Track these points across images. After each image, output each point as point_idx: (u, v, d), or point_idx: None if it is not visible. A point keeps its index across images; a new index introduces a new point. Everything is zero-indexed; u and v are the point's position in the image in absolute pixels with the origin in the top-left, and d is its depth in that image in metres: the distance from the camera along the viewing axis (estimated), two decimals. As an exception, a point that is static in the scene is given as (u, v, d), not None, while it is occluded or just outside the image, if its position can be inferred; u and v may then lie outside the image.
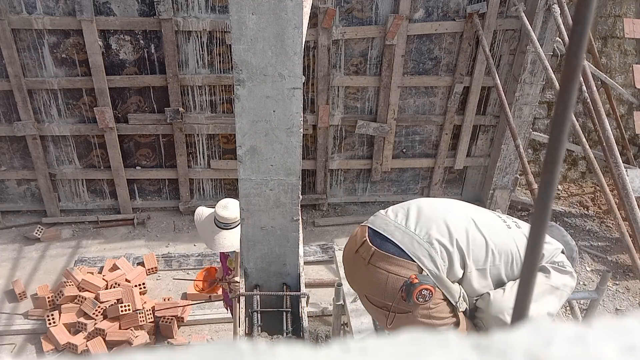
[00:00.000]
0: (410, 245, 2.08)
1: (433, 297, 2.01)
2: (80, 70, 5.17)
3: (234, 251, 3.29)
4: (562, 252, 2.31)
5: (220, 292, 3.88)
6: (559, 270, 2.20)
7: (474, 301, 2.17)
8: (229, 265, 3.47)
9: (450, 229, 2.11)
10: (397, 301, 2.03)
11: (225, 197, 5.88)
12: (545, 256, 2.21)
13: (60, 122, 5.40)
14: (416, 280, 1.98)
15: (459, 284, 2.12)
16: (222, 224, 3.23)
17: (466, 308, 2.11)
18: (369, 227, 2.24)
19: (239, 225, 3.16)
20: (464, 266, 2.08)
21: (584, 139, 4.15)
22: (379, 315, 2.18)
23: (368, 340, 0.35)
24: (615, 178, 3.86)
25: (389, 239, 2.12)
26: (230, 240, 3.22)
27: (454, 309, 2.11)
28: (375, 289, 2.10)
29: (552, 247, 2.26)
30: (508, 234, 2.18)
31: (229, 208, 3.24)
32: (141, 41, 5.10)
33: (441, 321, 2.08)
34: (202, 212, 3.38)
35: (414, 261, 2.05)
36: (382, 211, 2.33)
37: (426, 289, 1.99)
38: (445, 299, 2.08)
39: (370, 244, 2.14)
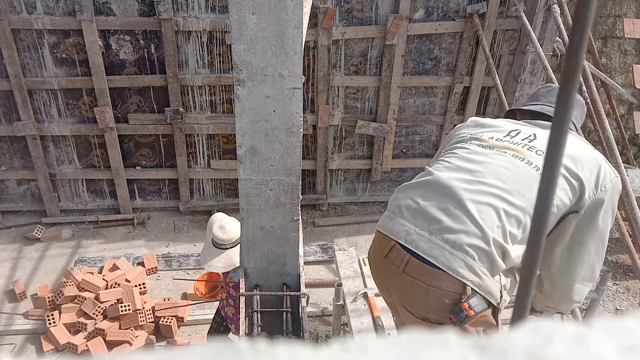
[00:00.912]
0: (443, 258, 1.80)
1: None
2: (80, 70, 5.17)
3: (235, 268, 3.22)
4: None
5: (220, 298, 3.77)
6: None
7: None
8: (228, 280, 3.39)
9: (481, 225, 1.81)
10: (443, 318, 1.83)
11: (225, 198, 5.86)
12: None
13: (60, 122, 5.40)
14: (471, 313, 1.76)
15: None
16: (218, 244, 3.13)
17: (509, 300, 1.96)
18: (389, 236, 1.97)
19: (237, 245, 3.09)
20: (504, 257, 1.84)
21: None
22: (419, 325, 1.92)
23: (368, 340, 0.35)
24: (615, 178, 3.86)
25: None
26: (224, 262, 3.12)
27: (495, 309, 1.91)
28: (415, 302, 1.88)
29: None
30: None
31: (227, 229, 3.13)
32: (141, 41, 5.10)
33: (485, 327, 1.89)
34: (212, 221, 3.24)
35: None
36: (396, 210, 2.01)
37: (481, 316, 1.80)
38: (489, 304, 1.87)
39: (404, 251, 1.89)
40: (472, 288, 1.79)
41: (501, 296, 1.89)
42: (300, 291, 2.47)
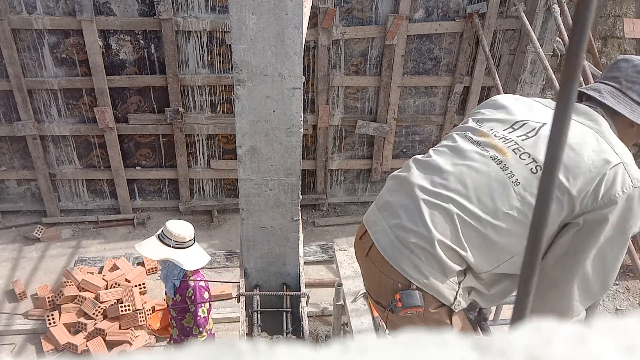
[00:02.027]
0: (391, 254, 1.86)
1: (426, 309, 1.83)
2: (80, 70, 5.17)
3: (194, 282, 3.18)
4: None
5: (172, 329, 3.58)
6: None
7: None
8: (166, 300, 3.34)
9: (429, 227, 1.80)
10: (389, 306, 1.89)
11: (225, 198, 5.88)
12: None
13: (60, 122, 5.40)
14: (399, 305, 1.80)
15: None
16: (164, 236, 3.10)
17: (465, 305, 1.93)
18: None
19: (179, 248, 3.09)
20: (458, 261, 1.83)
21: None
22: (377, 309, 2.05)
23: (368, 340, 0.35)
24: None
25: None
26: (156, 251, 3.09)
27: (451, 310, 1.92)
28: (371, 285, 1.99)
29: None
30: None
31: (177, 226, 3.13)
32: (141, 41, 5.10)
33: (437, 325, 1.91)
34: (142, 243, 3.23)
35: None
36: (379, 197, 2.05)
37: (411, 312, 1.82)
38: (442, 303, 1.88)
39: (370, 238, 1.96)
40: (414, 289, 1.83)
41: (455, 298, 1.87)
42: (300, 291, 2.47)
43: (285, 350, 0.33)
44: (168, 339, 3.56)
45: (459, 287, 1.87)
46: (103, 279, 4.85)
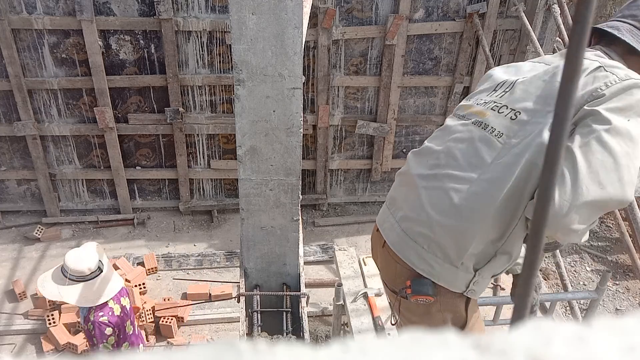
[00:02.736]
0: (399, 246, 1.87)
1: (440, 298, 1.83)
2: (80, 70, 5.17)
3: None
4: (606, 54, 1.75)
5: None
6: (619, 111, 1.55)
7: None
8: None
9: (427, 211, 1.79)
10: (401, 292, 1.91)
11: (225, 198, 5.87)
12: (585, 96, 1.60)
13: (60, 122, 5.40)
14: (409, 291, 1.82)
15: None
16: (76, 277, 2.97)
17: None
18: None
19: (100, 275, 2.98)
20: (464, 238, 1.76)
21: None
22: (391, 298, 2.07)
23: (368, 340, 0.35)
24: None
25: None
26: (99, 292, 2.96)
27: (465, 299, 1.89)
28: (388, 274, 2.01)
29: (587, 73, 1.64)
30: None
31: (80, 258, 3.00)
32: (141, 41, 5.10)
33: (453, 314, 1.90)
34: (44, 277, 3.08)
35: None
36: (388, 195, 2.08)
37: (421, 299, 1.82)
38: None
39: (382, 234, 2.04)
40: (425, 277, 1.85)
41: (468, 287, 1.82)
42: (300, 291, 2.47)
43: (285, 350, 0.33)
44: None
45: (475, 274, 1.81)
46: (103, 279, 4.84)
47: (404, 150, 5.89)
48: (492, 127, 1.79)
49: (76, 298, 2.94)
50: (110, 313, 3.09)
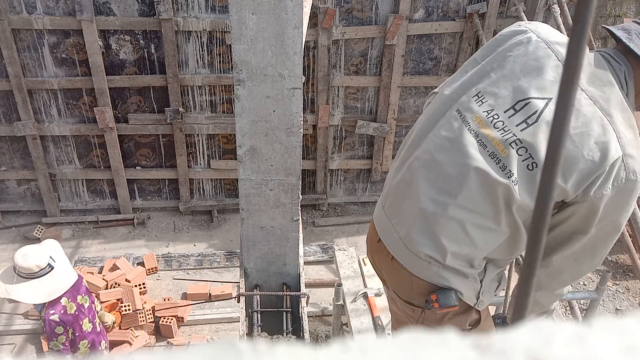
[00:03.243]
0: (413, 265, 1.83)
1: (459, 307, 1.83)
2: (80, 70, 5.17)
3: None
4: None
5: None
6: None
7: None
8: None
9: (437, 236, 1.76)
10: (423, 303, 1.88)
11: (225, 198, 5.88)
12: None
13: (60, 122, 5.40)
14: (436, 305, 1.79)
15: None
16: (25, 274, 2.95)
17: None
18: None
19: (50, 272, 2.96)
20: (459, 259, 1.79)
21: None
22: (406, 309, 1.99)
23: (368, 340, 0.35)
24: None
25: None
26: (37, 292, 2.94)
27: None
28: (402, 287, 1.94)
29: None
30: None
31: (29, 255, 2.97)
32: (141, 41, 5.10)
33: (466, 318, 1.92)
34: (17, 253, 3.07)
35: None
36: (386, 196, 2.01)
37: (447, 310, 1.81)
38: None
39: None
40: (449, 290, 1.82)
41: (478, 298, 1.85)
42: (300, 291, 2.47)
43: (285, 350, 0.33)
44: None
45: (481, 285, 1.84)
46: (103, 279, 4.85)
47: (404, 150, 5.89)
48: (510, 171, 1.64)
49: (24, 296, 2.93)
50: (62, 311, 3.05)
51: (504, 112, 1.69)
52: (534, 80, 1.67)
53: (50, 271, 3.01)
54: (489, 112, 1.71)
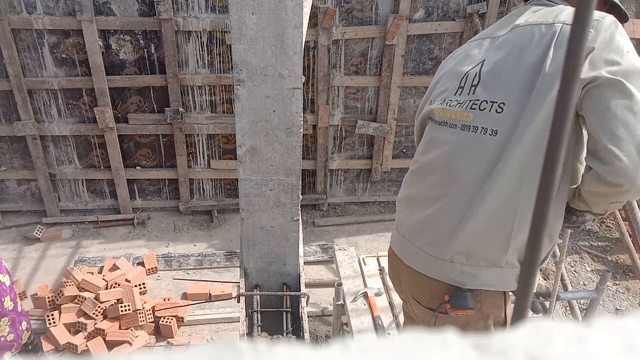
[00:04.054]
0: (434, 269, 1.83)
1: (482, 307, 1.80)
2: (80, 70, 5.17)
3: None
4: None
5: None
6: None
7: None
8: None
9: (452, 233, 1.75)
10: (439, 308, 1.86)
11: (225, 198, 5.87)
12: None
13: (60, 122, 5.40)
14: (448, 306, 1.78)
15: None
16: None
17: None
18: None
19: None
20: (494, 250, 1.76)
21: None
22: (424, 314, 1.97)
23: (368, 340, 0.35)
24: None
25: None
26: None
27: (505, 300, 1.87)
28: (420, 292, 1.93)
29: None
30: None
31: None
32: (141, 41, 5.10)
33: (496, 316, 1.87)
34: None
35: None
36: (399, 223, 2.00)
37: (461, 312, 1.78)
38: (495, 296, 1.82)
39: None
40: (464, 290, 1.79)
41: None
42: (300, 291, 2.47)
43: (285, 350, 0.33)
44: None
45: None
46: (103, 279, 4.85)
47: (404, 150, 5.89)
48: (483, 128, 1.69)
49: None
50: None
51: (454, 94, 1.82)
52: (465, 61, 1.84)
53: None
54: (443, 101, 1.85)
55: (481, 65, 1.75)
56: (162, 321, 4.59)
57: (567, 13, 1.64)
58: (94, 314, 4.53)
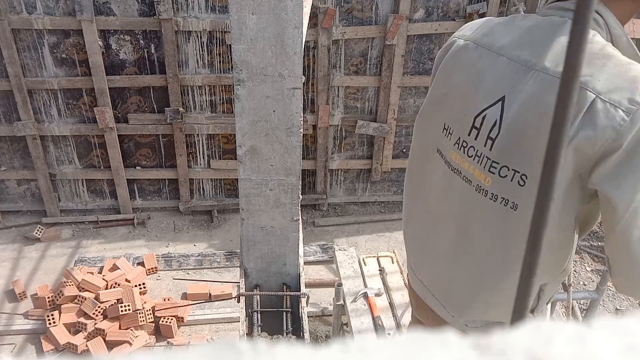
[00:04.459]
0: (452, 323, 1.73)
1: None
2: (80, 70, 5.17)
3: None
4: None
5: None
6: None
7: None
8: None
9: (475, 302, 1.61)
10: None
11: (225, 198, 5.88)
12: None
13: (60, 122, 5.40)
14: None
15: None
16: None
17: None
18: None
19: None
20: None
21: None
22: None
23: (368, 340, 0.35)
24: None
25: None
26: None
27: None
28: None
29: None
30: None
31: None
32: (141, 41, 5.10)
33: None
34: None
35: None
36: (412, 264, 1.86)
37: None
38: None
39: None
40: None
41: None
42: (300, 291, 2.47)
43: (285, 350, 0.33)
44: None
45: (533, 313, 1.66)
46: (103, 279, 4.85)
47: (404, 150, 5.89)
48: (503, 198, 1.43)
49: None
50: None
51: (468, 135, 1.49)
52: (479, 89, 1.46)
53: None
54: (458, 142, 1.53)
55: (501, 111, 1.41)
56: (162, 321, 4.59)
57: (606, 70, 1.28)
58: (94, 314, 4.53)
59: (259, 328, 2.31)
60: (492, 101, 1.42)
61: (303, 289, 2.48)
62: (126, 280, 4.87)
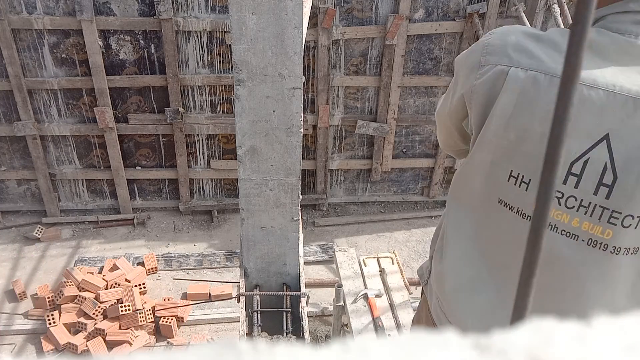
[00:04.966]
0: None
1: None
2: (80, 70, 5.17)
3: None
4: None
5: None
6: None
7: None
8: None
9: None
10: None
11: (225, 198, 5.88)
12: None
13: (60, 122, 5.40)
14: None
15: None
16: None
17: None
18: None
19: None
20: None
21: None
22: None
23: (368, 340, 0.35)
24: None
25: None
26: None
27: None
28: None
29: None
30: None
31: None
32: (141, 41, 5.10)
33: None
34: None
35: None
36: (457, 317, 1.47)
37: None
38: None
39: None
40: None
41: None
42: (300, 291, 2.47)
43: (285, 350, 0.33)
44: None
45: None
46: (103, 279, 4.85)
47: (404, 150, 5.89)
48: (626, 249, 1.23)
49: None
50: None
51: (563, 184, 1.22)
52: (584, 121, 1.18)
53: None
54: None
55: (609, 152, 1.17)
56: (162, 321, 4.59)
57: None
58: (94, 314, 4.52)
59: (259, 328, 2.31)
60: (592, 142, 1.17)
61: (303, 289, 2.48)
62: (126, 280, 4.87)
